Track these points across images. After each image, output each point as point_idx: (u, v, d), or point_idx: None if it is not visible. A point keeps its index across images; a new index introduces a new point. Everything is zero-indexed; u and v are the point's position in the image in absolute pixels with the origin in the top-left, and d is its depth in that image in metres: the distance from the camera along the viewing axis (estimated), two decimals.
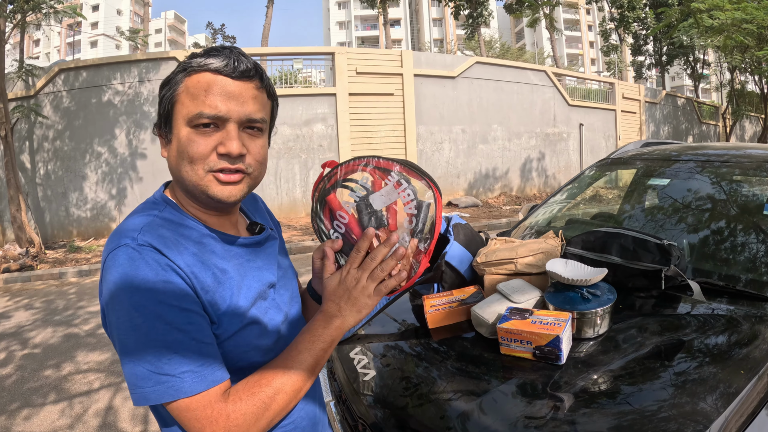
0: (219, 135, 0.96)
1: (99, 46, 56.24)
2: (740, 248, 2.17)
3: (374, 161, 1.10)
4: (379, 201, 1.09)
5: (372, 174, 1.10)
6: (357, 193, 1.11)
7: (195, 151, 0.95)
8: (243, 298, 1.01)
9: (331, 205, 1.12)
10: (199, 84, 0.95)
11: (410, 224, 1.08)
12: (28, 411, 3.73)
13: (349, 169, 1.12)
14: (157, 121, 1.03)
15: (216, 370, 0.90)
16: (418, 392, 1.48)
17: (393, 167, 1.09)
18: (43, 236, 11.10)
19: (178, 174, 0.99)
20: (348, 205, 1.11)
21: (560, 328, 1.42)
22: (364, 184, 1.10)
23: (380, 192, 1.09)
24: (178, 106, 0.97)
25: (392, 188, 1.09)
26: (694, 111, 23.61)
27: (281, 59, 13.67)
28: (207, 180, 0.97)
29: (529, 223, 3.02)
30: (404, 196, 1.08)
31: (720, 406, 1.22)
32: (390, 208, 1.09)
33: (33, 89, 11.40)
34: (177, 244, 0.95)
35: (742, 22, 13.96)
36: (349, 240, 1.11)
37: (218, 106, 0.94)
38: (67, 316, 6.17)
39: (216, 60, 0.96)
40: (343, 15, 67.69)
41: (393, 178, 1.09)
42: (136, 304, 0.87)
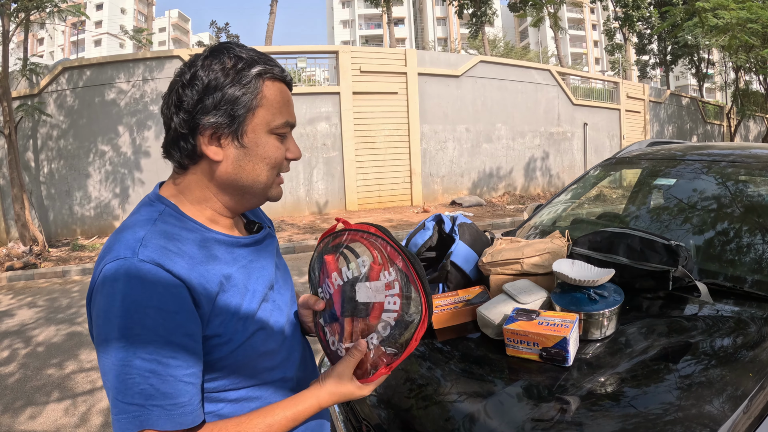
0: (287, 142, 1.05)
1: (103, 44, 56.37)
2: (747, 249, 2.15)
3: (385, 246, 1.02)
4: (363, 293, 1.02)
5: (374, 254, 1.03)
6: (350, 271, 1.05)
7: (280, 157, 1.03)
8: (248, 304, 1.00)
9: (327, 266, 1.09)
10: (281, 93, 1.01)
11: (384, 330, 1.01)
12: (32, 409, 3.73)
13: (356, 237, 1.06)
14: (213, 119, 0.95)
15: (187, 414, 0.87)
16: (423, 393, 1.47)
17: (397, 261, 1.00)
18: (46, 234, 11.12)
19: (253, 177, 1.01)
20: (336, 280, 1.07)
21: (567, 330, 1.41)
22: (362, 264, 1.04)
23: (369, 285, 1.01)
24: (261, 111, 0.98)
25: (382, 288, 1.00)
26: (698, 110, 23.54)
27: (285, 58, 13.65)
28: (275, 183, 1.06)
29: (534, 223, 3.00)
30: (390, 303, 1.00)
31: (728, 409, 1.21)
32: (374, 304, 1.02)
33: (37, 88, 11.41)
34: (182, 254, 0.92)
35: (747, 22, 13.91)
36: (331, 306, 1.09)
37: (294, 115, 1.04)
38: (70, 315, 6.17)
39: (277, 68, 1.02)
40: (347, 14, 67.66)
41: (389, 276, 1.00)
42: (123, 325, 0.84)
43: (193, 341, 0.89)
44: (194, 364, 0.90)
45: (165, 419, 0.85)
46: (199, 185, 1.02)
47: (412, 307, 0.99)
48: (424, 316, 0.99)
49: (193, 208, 1.02)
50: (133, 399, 0.83)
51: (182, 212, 1.00)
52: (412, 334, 1.00)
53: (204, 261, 0.95)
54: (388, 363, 1.02)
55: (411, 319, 0.99)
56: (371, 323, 1.02)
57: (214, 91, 0.95)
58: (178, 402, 0.86)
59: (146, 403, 0.84)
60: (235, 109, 0.96)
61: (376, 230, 1.04)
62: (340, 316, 1.06)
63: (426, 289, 0.99)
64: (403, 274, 0.99)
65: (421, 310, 0.99)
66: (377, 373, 1.03)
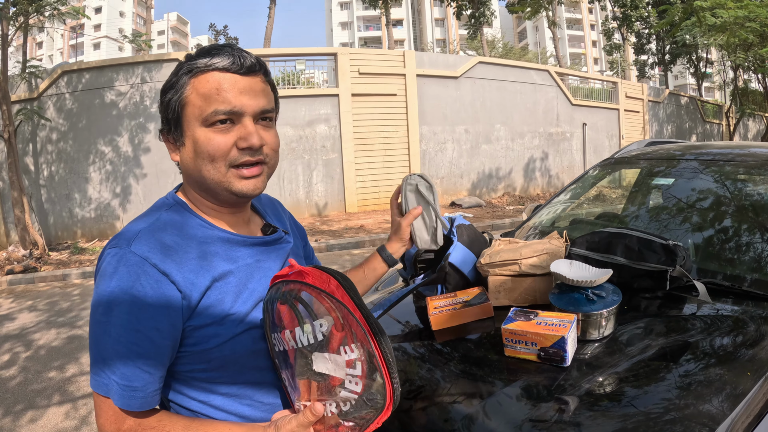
0: (236, 130, 0.99)
1: (102, 48, 56.36)
2: (745, 248, 2.16)
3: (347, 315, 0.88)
4: (321, 365, 0.92)
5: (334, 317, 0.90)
6: (305, 335, 0.92)
7: (215, 148, 0.98)
8: (243, 302, 1.02)
9: (282, 317, 0.95)
10: (210, 83, 0.97)
11: (344, 405, 0.92)
12: (33, 413, 3.73)
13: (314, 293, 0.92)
14: (163, 126, 1.04)
15: (137, 398, 0.93)
16: (422, 394, 1.47)
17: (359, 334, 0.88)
18: (47, 238, 11.12)
19: (197, 174, 1.01)
20: (288, 340, 0.94)
21: (565, 329, 1.41)
22: (319, 329, 0.91)
23: (328, 357, 0.91)
24: (189, 108, 0.99)
25: (343, 364, 0.90)
26: (697, 110, 23.55)
27: (284, 60, 13.67)
28: (230, 176, 1.00)
29: (533, 224, 3.01)
30: (350, 383, 0.90)
31: (726, 408, 1.21)
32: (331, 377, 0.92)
33: (36, 91, 11.42)
34: (177, 248, 0.97)
35: (745, 20, 13.93)
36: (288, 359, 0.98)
37: (232, 101, 0.97)
38: (71, 318, 6.18)
39: (222, 59, 0.98)
40: (345, 16, 67.70)
41: (351, 353, 0.89)
42: (105, 307, 0.92)
43: (160, 335, 0.94)
44: (155, 355, 0.94)
45: (118, 396, 0.92)
46: (187, 184, 1.08)
47: (376, 393, 0.89)
48: (388, 404, 0.90)
49: (197, 204, 1.07)
50: (103, 368, 0.92)
51: (190, 209, 1.05)
52: (374, 417, 0.91)
53: (200, 256, 0.99)
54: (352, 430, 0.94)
55: (374, 403, 0.90)
56: (331, 386, 0.93)
57: (162, 103, 1.03)
58: (132, 385, 0.92)
59: (112, 377, 0.92)
60: (168, 112, 1.01)
61: (336, 288, 0.91)
62: (294, 375, 0.97)
63: (392, 376, 0.89)
64: (367, 352, 0.88)
65: (385, 396, 0.89)
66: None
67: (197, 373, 1.01)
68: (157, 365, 0.95)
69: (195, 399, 1.03)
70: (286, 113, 12.61)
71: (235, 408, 1.03)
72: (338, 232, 10.96)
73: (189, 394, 1.03)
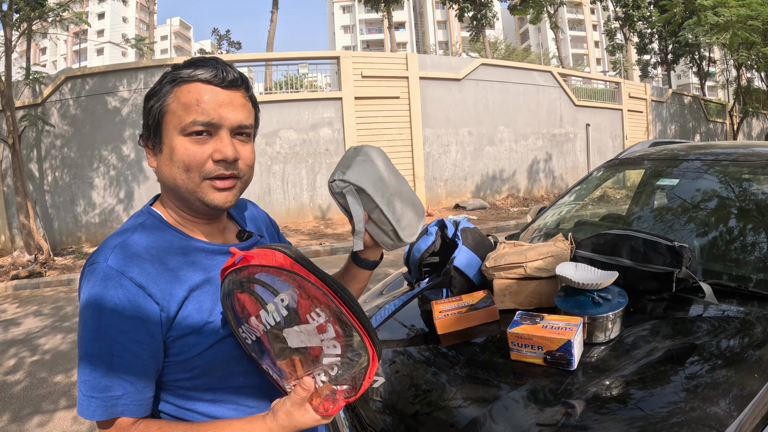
0: (213, 142, 0.99)
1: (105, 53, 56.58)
2: (751, 248, 2.15)
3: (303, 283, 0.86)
4: (295, 339, 0.90)
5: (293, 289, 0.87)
6: (270, 315, 0.90)
7: (191, 158, 0.98)
8: (221, 310, 1.02)
9: (244, 305, 0.93)
10: (191, 93, 0.98)
11: (331, 371, 0.91)
12: (39, 417, 3.74)
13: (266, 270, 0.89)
14: (143, 132, 1.05)
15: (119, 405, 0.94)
16: (428, 399, 1.47)
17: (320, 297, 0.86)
18: (51, 243, 11.15)
19: (171, 182, 1.02)
20: (257, 325, 0.93)
21: (572, 333, 1.41)
22: (281, 305, 0.88)
23: (299, 328, 0.89)
24: (168, 116, 1.00)
25: (314, 331, 0.88)
26: (701, 109, 23.49)
27: (287, 64, 13.69)
28: (203, 187, 1.00)
29: (538, 226, 3.00)
30: (329, 348, 0.89)
31: (734, 411, 1.20)
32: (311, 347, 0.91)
33: (40, 97, 11.47)
34: (153, 261, 0.98)
35: (747, 19, 13.88)
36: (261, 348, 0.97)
37: (211, 113, 0.98)
38: (76, 323, 6.17)
39: (205, 71, 0.99)
40: (347, 19, 67.80)
41: (318, 318, 0.87)
42: (84, 323, 0.94)
43: (139, 347, 0.95)
44: (136, 366, 0.95)
45: (100, 410, 0.93)
46: (163, 192, 1.09)
47: (357, 348, 0.88)
48: (372, 355, 0.89)
49: (171, 214, 1.08)
50: (83, 387, 0.94)
51: (165, 221, 1.06)
52: (364, 372, 0.90)
53: (176, 267, 1.00)
54: (345, 397, 0.94)
55: (358, 358, 0.89)
56: (314, 356, 0.92)
57: (145, 110, 1.04)
58: (113, 395, 0.93)
59: (88, 393, 0.93)
60: (149, 119, 1.02)
61: (284, 259, 0.89)
62: (274, 359, 0.96)
63: (367, 327, 0.87)
64: (334, 312, 0.86)
65: (366, 349, 0.88)
66: (337, 405, 0.94)
67: (182, 381, 1.02)
68: (138, 376, 0.96)
69: (181, 407, 1.04)
70: (289, 117, 12.64)
71: (221, 413, 1.05)
72: (342, 235, 10.96)
73: (175, 403, 1.04)
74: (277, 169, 12.67)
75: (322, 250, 9.62)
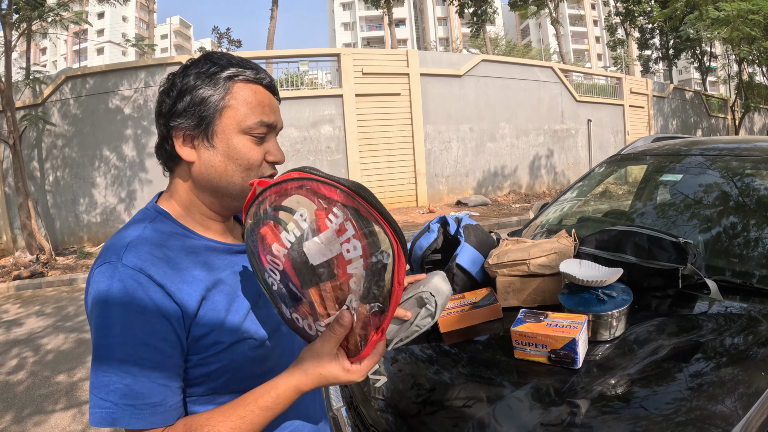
0: (266, 145, 1.04)
1: (105, 53, 56.59)
2: (756, 244, 2.13)
3: (312, 184, 0.83)
4: (316, 253, 0.84)
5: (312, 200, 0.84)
6: (290, 234, 0.86)
7: (255, 158, 1.01)
8: (235, 310, 1.00)
9: (266, 240, 0.89)
10: (257, 95, 1.01)
11: (357, 286, 0.84)
12: (40, 417, 3.73)
13: (281, 192, 0.87)
14: (186, 120, 0.99)
15: (159, 413, 0.89)
16: (431, 398, 1.45)
17: (335, 196, 0.81)
18: (53, 243, 11.16)
19: (226, 179, 1.01)
20: (278, 249, 0.87)
21: (576, 331, 1.39)
22: (301, 219, 0.84)
23: (318, 239, 0.83)
24: (230, 111, 0.99)
25: (333, 236, 0.82)
26: (702, 104, 23.44)
27: (287, 61, 13.68)
28: None
29: (541, 222, 2.98)
30: (349, 251, 0.82)
31: (740, 409, 1.19)
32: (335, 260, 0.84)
33: (40, 97, 11.46)
34: (167, 259, 0.94)
35: (748, 13, 13.85)
36: (288, 287, 0.91)
37: (272, 116, 1.03)
38: (78, 322, 6.19)
39: (264, 75, 1.04)
40: (347, 16, 67.76)
41: (335, 219, 0.81)
42: (103, 325, 0.88)
43: (170, 346, 0.91)
44: (169, 367, 0.91)
45: (136, 418, 0.87)
46: (183, 188, 1.05)
47: (380, 245, 0.81)
48: (396, 249, 0.82)
49: (184, 213, 1.05)
50: (107, 396, 0.86)
51: (175, 219, 1.03)
52: (391, 278, 0.83)
53: (191, 267, 0.97)
54: (377, 326, 0.87)
55: (382, 258, 0.82)
56: (343, 283, 0.85)
57: (186, 95, 0.98)
58: (150, 402, 0.88)
59: (119, 402, 0.86)
60: (202, 110, 0.98)
61: (298, 173, 0.86)
62: (302, 290, 0.89)
63: (386, 216, 0.82)
64: (351, 209, 0.81)
65: (390, 243, 0.81)
66: (369, 342, 0.89)
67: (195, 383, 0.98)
68: (172, 376, 0.91)
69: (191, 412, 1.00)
70: (290, 114, 12.62)
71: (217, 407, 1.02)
72: None
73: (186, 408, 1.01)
74: (278, 167, 12.63)
75: None
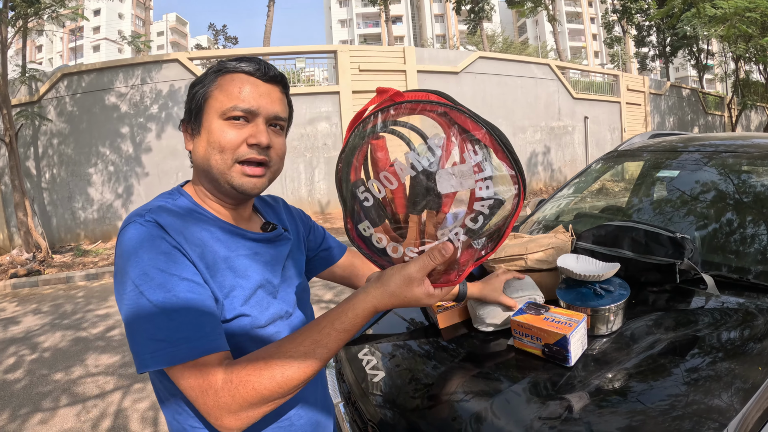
0: (249, 128, 1.05)
1: (101, 50, 56.43)
2: (752, 239, 2.14)
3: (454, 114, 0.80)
4: (447, 183, 0.80)
5: (446, 130, 0.80)
6: (419, 156, 0.81)
7: (227, 140, 1.04)
8: (241, 288, 1.04)
9: (377, 154, 0.85)
10: (234, 82, 1.06)
11: (473, 223, 0.83)
12: (39, 415, 3.73)
13: (414, 108, 0.82)
14: (185, 116, 1.11)
15: (213, 340, 0.91)
16: (429, 393, 1.45)
17: (478, 134, 0.79)
18: (50, 241, 11.13)
19: (205, 163, 1.06)
20: (402, 168, 0.83)
21: (570, 328, 1.39)
22: (435, 145, 0.80)
23: (453, 170, 0.80)
24: (210, 101, 1.06)
25: (470, 171, 0.79)
26: (699, 102, 23.47)
27: (284, 58, 13.65)
28: (234, 170, 1.05)
29: (538, 218, 2.99)
30: (480, 188, 0.80)
31: (737, 403, 1.19)
32: None
33: (36, 95, 11.43)
34: (184, 228, 1.00)
35: (745, 11, 13.85)
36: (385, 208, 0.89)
37: (251, 101, 1.05)
38: (75, 320, 6.18)
39: (249, 64, 1.08)
40: (344, 13, 67.68)
41: (475, 156, 0.79)
42: (139, 273, 0.91)
43: (200, 278, 0.97)
44: (208, 296, 0.96)
45: (193, 350, 0.88)
46: (194, 175, 1.14)
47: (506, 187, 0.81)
48: (521, 199, 0.82)
49: (202, 198, 1.12)
50: (156, 334, 0.88)
51: (195, 202, 1.11)
52: (509, 220, 0.84)
53: (205, 240, 1.03)
54: (476, 258, 0.87)
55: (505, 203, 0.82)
56: (442, 216, 0.86)
57: (188, 96, 1.11)
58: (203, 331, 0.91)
59: (171, 337, 0.88)
60: (193, 103, 1.09)
61: (437, 97, 0.82)
62: (405, 212, 0.87)
63: (518, 162, 0.82)
64: (487, 153, 0.80)
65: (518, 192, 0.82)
66: (463, 273, 0.90)
67: None
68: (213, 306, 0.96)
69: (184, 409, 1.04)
70: None
71: None
72: (341, 229, 10.95)
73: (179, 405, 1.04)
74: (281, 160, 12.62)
75: None
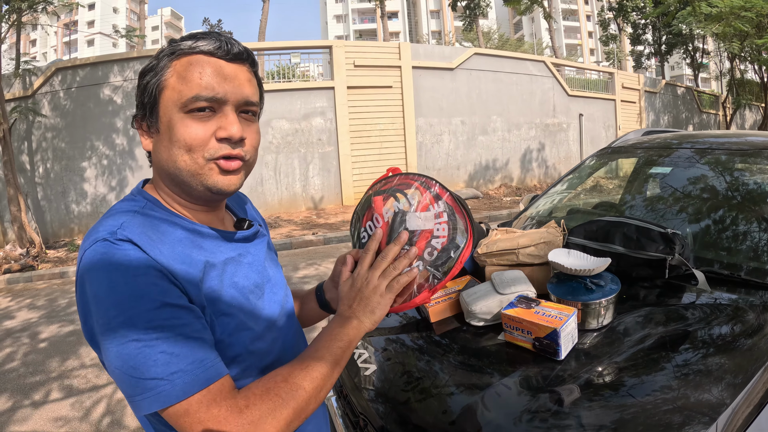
0: (216, 119, 0.90)
1: (96, 44, 56.11)
2: (744, 236, 2.15)
3: (432, 184, 1.14)
4: (414, 222, 1.09)
5: (422, 191, 1.13)
6: (400, 204, 1.11)
7: (193, 138, 0.88)
8: (230, 295, 0.94)
9: (374, 205, 1.14)
10: (192, 66, 0.89)
11: (430, 256, 1.09)
12: (33, 408, 3.72)
13: (406, 180, 1.16)
14: (137, 111, 0.95)
15: (210, 367, 0.81)
16: (420, 386, 1.46)
17: (443, 195, 1.13)
18: (44, 236, 11.09)
19: (171, 166, 0.91)
20: (387, 213, 1.11)
21: (560, 322, 1.40)
22: (411, 198, 1.11)
23: (419, 214, 1.09)
24: (167, 92, 0.90)
25: (432, 217, 1.10)
26: (694, 100, 23.51)
27: (279, 54, 13.61)
28: (207, 169, 0.91)
29: (530, 214, 2.99)
30: (439, 230, 1.10)
31: (727, 398, 1.19)
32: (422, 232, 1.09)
33: (30, 89, 11.35)
34: (160, 242, 0.88)
35: (740, 10, 13.88)
36: None
37: (215, 87, 0.89)
38: (69, 315, 6.16)
39: (207, 42, 0.91)
40: (340, 8, 67.49)
41: (438, 207, 1.11)
42: (114, 303, 0.78)
43: (185, 300, 0.84)
44: (197, 319, 0.84)
45: (190, 384, 0.78)
46: (156, 177, 0.99)
47: (458, 234, 1.11)
48: (468, 243, 1.12)
49: (168, 200, 0.98)
50: (148, 373, 0.77)
51: (163, 205, 0.96)
52: (457, 260, 1.11)
53: (185, 250, 0.91)
54: (430, 287, 1.10)
55: (457, 243, 1.10)
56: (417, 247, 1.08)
57: (139, 87, 0.95)
58: (197, 359, 0.80)
59: (164, 374, 0.77)
60: (144, 96, 0.93)
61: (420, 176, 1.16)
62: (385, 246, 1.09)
63: (470, 217, 1.15)
64: (449, 206, 1.12)
65: (466, 236, 1.12)
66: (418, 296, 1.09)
67: None
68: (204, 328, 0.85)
69: None
70: (281, 107, 12.58)
71: None
72: (335, 225, 10.95)
73: None
74: (270, 159, 12.62)
75: (315, 239, 9.60)
